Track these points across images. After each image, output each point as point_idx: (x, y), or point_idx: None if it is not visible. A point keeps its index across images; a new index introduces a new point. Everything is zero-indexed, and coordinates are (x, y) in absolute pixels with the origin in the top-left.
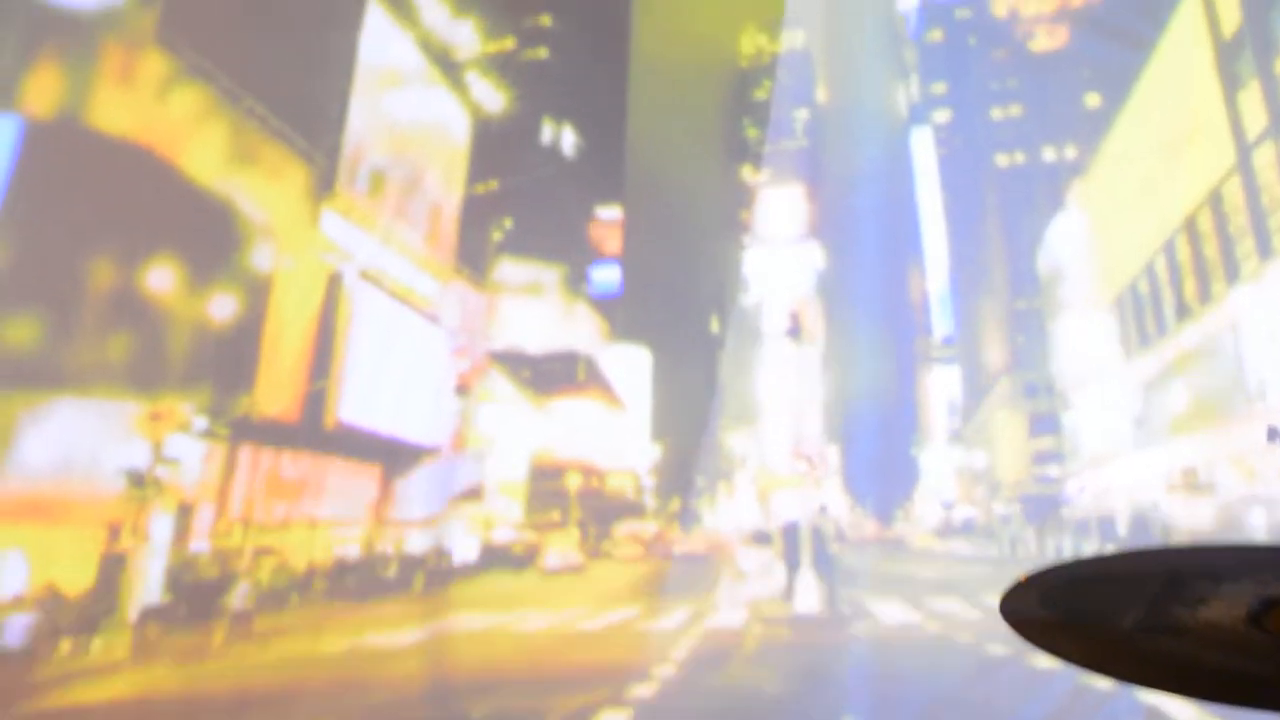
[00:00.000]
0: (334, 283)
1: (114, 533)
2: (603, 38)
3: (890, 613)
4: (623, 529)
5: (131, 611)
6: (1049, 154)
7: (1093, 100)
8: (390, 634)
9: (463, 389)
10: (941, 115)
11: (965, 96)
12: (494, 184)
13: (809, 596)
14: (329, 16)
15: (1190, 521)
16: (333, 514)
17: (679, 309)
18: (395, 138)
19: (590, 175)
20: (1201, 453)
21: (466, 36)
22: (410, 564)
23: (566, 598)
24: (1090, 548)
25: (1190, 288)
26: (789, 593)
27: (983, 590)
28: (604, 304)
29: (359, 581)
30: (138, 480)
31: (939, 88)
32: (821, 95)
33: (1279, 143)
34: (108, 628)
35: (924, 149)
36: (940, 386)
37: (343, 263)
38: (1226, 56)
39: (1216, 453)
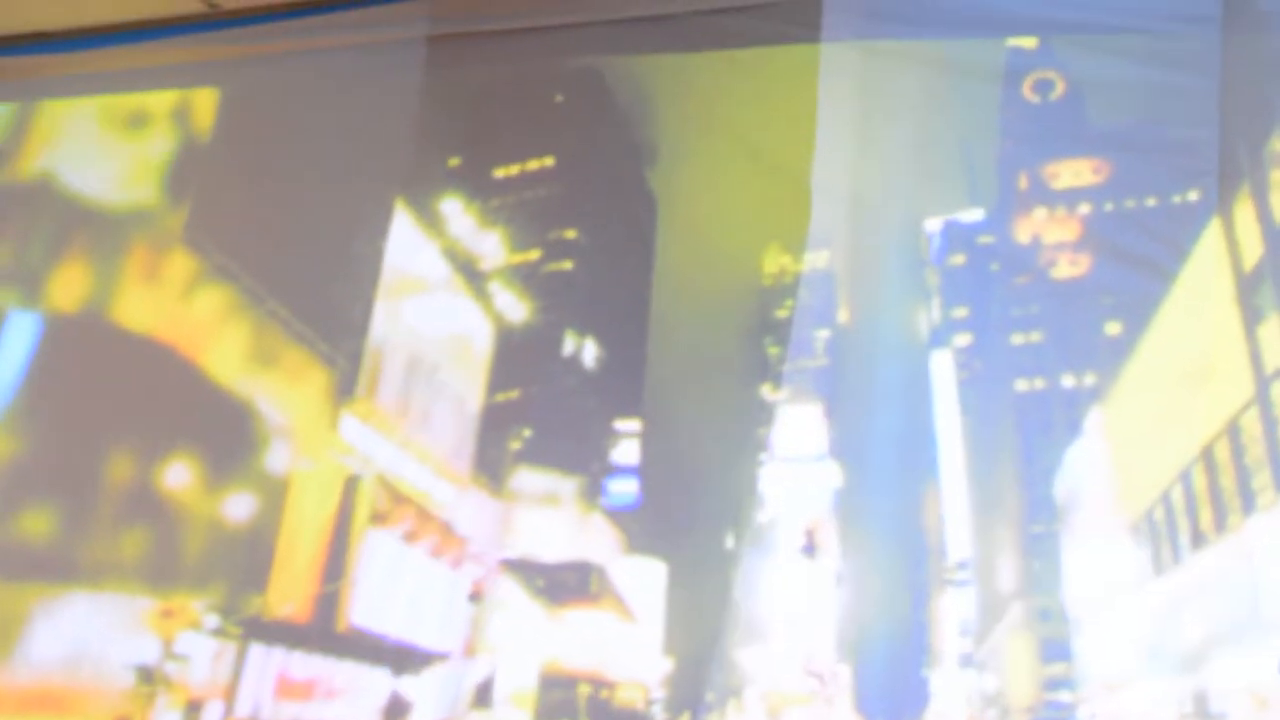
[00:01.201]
0: (350, 486)
1: None
2: (627, 253)
3: None
4: None
5: None
6: (1068, 380)
7: (1113, 328)
8: None
9: (476, 596)
10: (962, 339)
11: (986, 321)
12: (514, 393)
13: None
14: (355, 223)
15: None
16: (342, 717)
17: (695, 523)
18: (418, 344)
19: (610, 387)
20: (1214, 682)
21: (492, 247)
22: None
23: None
24: None
25: (1206, 517)
26: None
27: None
28: (620, 516)
29: None
30: (147, 676)
31: (960, 311)
32: (843, 315)
33: None
34: None
35: (943, 371)
36: (953, 608)
37: (360, 466)
38: (1247, 289)
39: (1230, 683)
